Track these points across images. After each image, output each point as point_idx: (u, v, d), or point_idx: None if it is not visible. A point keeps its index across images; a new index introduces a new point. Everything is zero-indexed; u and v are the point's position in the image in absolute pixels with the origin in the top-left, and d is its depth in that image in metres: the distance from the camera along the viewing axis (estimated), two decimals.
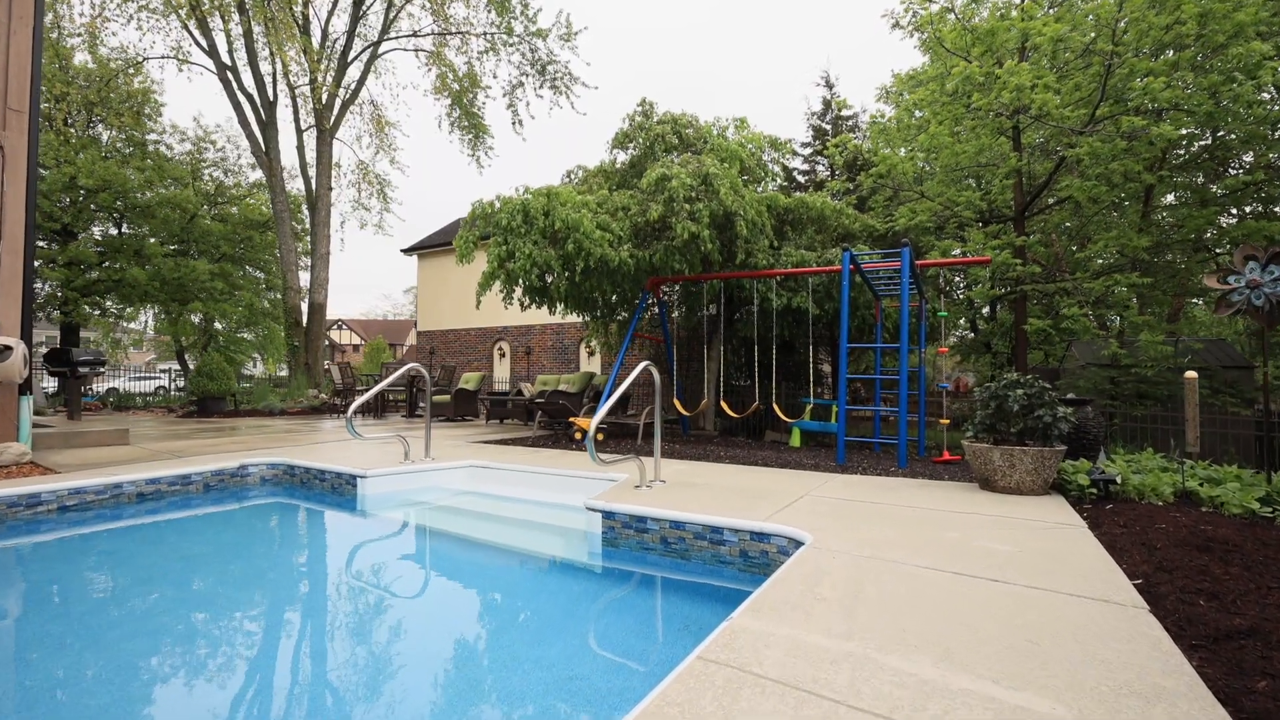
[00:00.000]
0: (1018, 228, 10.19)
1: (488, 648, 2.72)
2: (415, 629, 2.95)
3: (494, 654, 2.64)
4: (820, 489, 4.60)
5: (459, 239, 8.21)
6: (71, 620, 2.87)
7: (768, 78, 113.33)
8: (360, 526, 4.90)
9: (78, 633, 2.70)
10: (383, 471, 5.34)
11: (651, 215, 7.55)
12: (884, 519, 3.61)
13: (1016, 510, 3.88)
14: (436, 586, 3.68)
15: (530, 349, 16.91)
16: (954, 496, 4.34)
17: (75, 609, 3.06)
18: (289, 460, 5.94)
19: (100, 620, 2.87)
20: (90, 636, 2.66)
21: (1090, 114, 8.09)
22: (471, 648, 2.75)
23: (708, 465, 5.97)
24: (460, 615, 3.26)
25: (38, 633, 2.75)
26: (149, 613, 3.02)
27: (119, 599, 3.25)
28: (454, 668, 2.51)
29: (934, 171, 11.62)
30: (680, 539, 3.62)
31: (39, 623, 2.89)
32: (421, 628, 2.99)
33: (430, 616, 3.20)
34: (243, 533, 4.70)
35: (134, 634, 2.72)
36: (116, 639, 2.65)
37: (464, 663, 2.57)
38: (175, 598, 3.21)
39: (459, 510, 5.44)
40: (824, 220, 9.75)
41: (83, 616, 2.93)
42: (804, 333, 10.29)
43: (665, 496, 4.14)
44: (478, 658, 2.63)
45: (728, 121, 9.47)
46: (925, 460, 7.10)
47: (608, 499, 4.01)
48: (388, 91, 50.88)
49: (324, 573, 3.94)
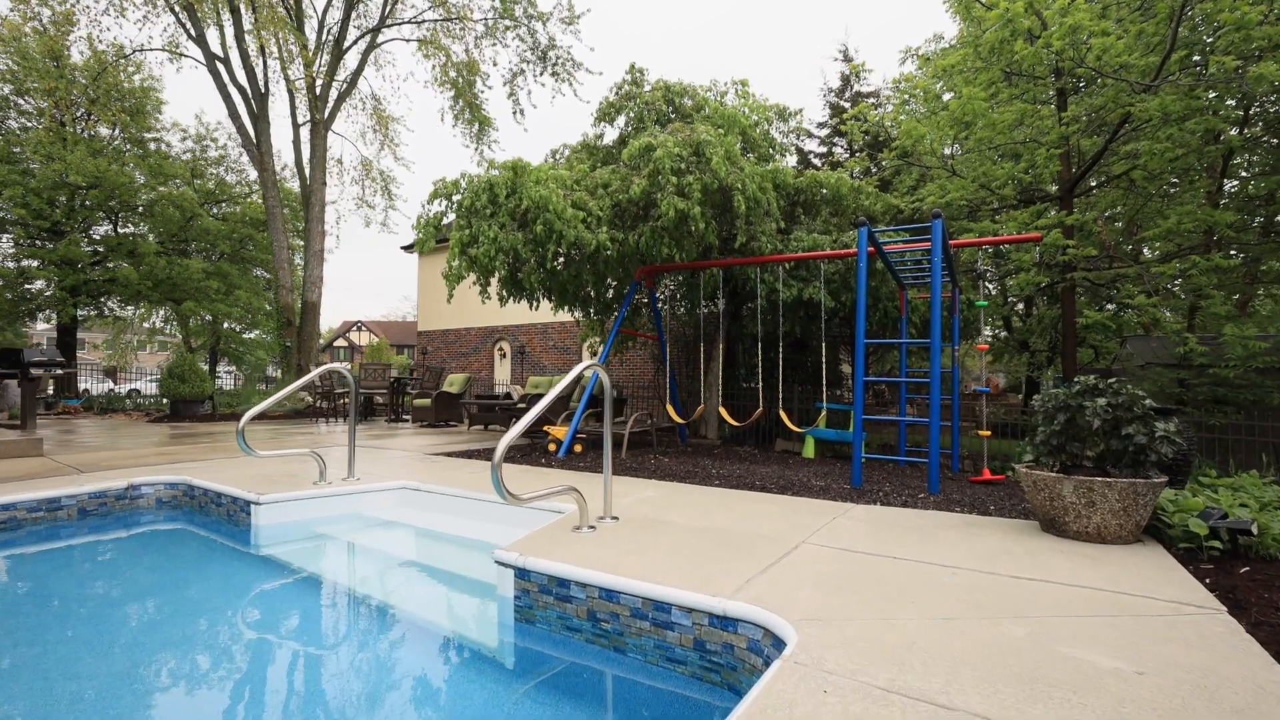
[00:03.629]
0: (1064, 207, 8.86)
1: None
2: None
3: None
4: (827, 530, 3.46)
5: (417, 224, 7.22)
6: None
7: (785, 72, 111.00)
8: (234, 571, 3.88)
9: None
10: (281, 497, 4.34)
11: (634, 191, 6.46)
12: (913, 592, 2.47)
13: (1104, 573, 2.70)
14: (262, 678, 2.63)
15: (524, 349, 15.92)
16: (1009, 546, 3.16)
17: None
18: (190, 480, 4.98)
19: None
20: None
21: (1160, 62, 6.76)
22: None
23: (691, 490, 4.85)
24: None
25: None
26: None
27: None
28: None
29: (966, 150, 10.31)
30: (613, 616, 2.52)
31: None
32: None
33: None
34: (76, 579, 3.70)
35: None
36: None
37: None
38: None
39: (364, 550, 4.40)
40: (841, 201, 8.54)
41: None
42: (818, 328, 9.10)
43: (608, 544, 3.05)
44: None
45: (727, 85, 8.30)
46: (959, 479, 5.88)
47: (526, 548, 2.93)
48: (389, 84, 50.67)
49: (128, 640, 2.92)
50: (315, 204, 16.79)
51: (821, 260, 7.40)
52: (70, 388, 17.39)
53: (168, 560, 4.14)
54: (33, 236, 18.11)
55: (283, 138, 29.69)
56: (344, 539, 4.46)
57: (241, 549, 4.22)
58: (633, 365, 14.70)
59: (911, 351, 9.05)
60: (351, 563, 4.13)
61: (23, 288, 17.93)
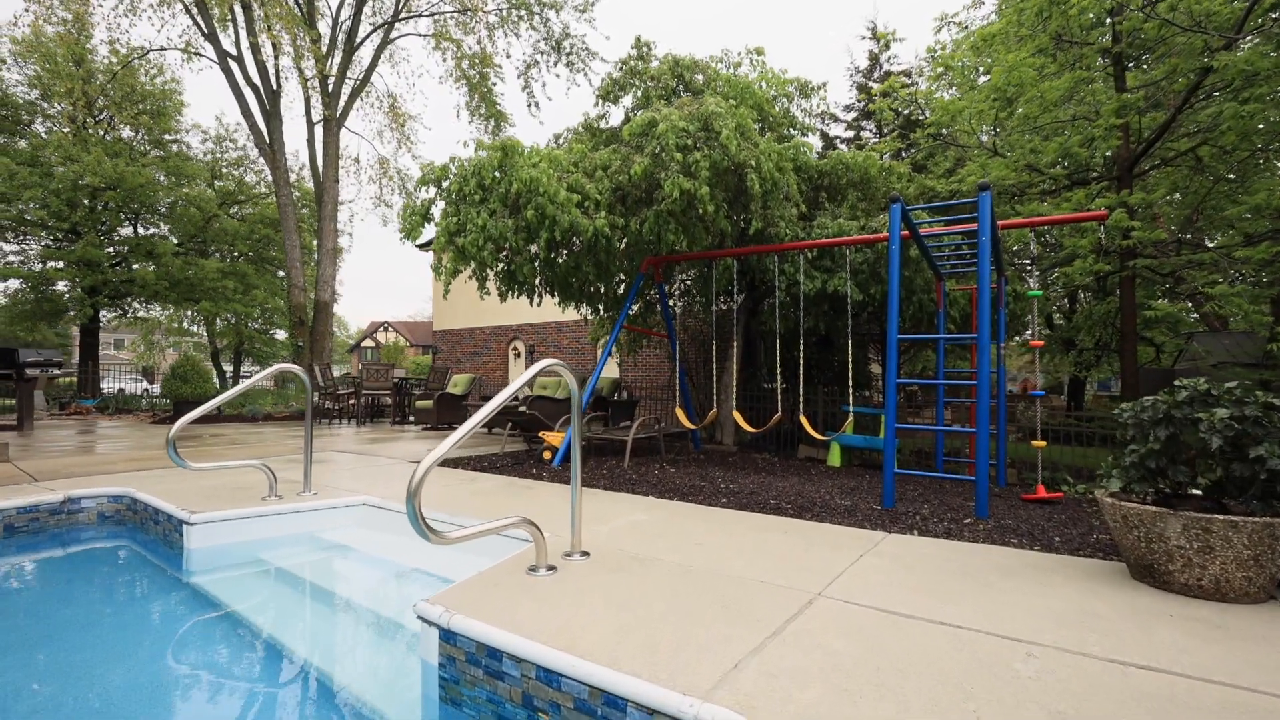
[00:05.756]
0: (1122, 188, 7.89)
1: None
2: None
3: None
4: (852, 574, 2.74)
5: (403, 213, 6.66)
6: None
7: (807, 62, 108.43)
8: (154, 606, 3.32)
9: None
10: (216, 516, 3.78)
11: (635, 171, 5.78)
12: (975, 690, 1.75)
13: (1239, 655, 1.94)
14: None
15: (534, 348, 15.37)
16: (1095, 606, 2.40)
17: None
18: (133, 492, 4.48)
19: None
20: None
21: (1246, 7, 5.81)
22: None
23: (691, 511, 4.16)
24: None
25: None
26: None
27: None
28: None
29: (1009, 130, 9.35)
30: (554, 707, 1.86)
31: None
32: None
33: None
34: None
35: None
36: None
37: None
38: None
39: (296, 584, 3.75)
40: (869, 183, 7.73)
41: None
42: (844, 324, 8.30)
43: (565, 594, 2.38)
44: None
45: (740, 55, 7.54)
46: (1007, 495, 5.07)
47: (456, 600, 2.28)
48: (404, 81, 51.21)
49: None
50: (328, 202, 16.54)
51: (848, 248, 6.63)
52: (92, 388, 17.44)
53: (88, 589, 3.61)
54: (58, 239, 18.28)
55: (300, 137, 29.79)
56: (281, 567, 3.87)
57: (174, 575, 3.68)
58: (647, 365, 14.02)
59: (950, 350, 8.18)
60: (277, 601, 3.52)
61: (47, 289, 18.08)
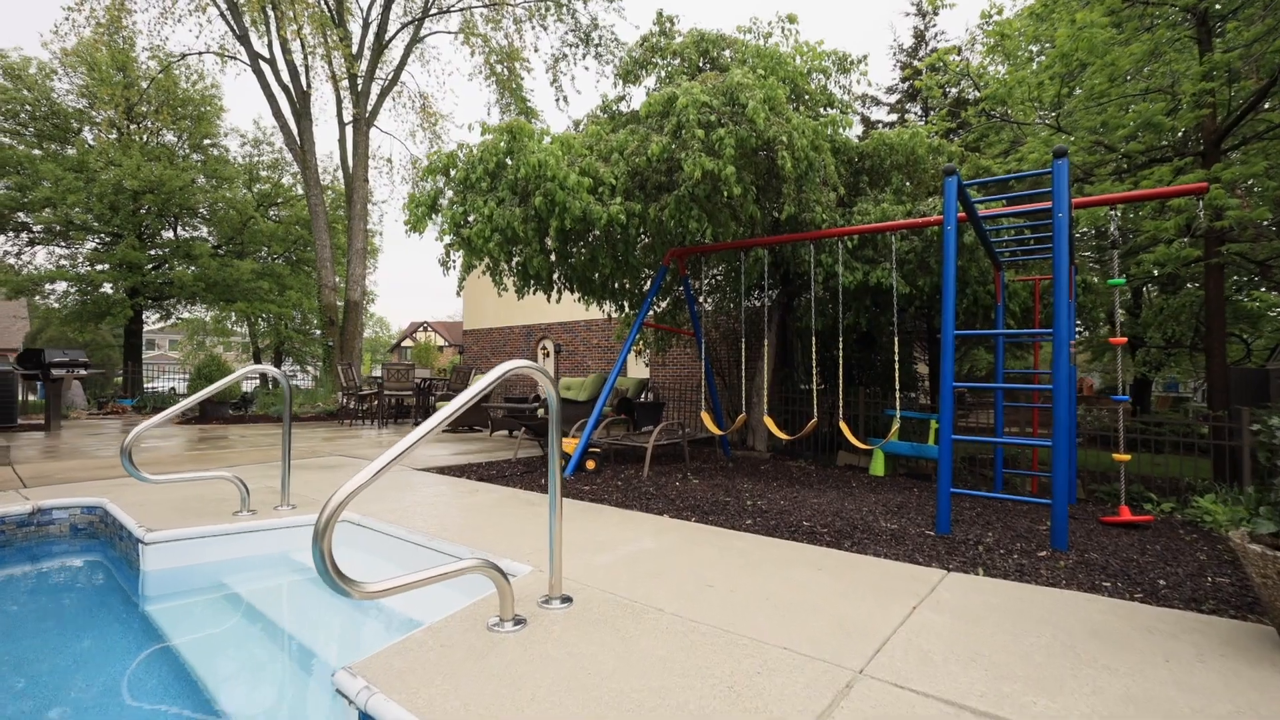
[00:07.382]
0: (1211, 163, 6.93)
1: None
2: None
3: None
4: (898, 641, 2.13)
5: (408, 204, 6.26)
6: None
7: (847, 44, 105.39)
8: (101, 636, 2.92)
9: None
10: (174, 535, 3.39)
11: (653, 150, 5.22)
12: None
13: None
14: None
15: (560, 347, 14.96)
16: (1249, 698, 1.75)
17: None
18: (105, 504, 4.16)
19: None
20: None
21: None
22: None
23: (709, 536, 3.58)
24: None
25: None
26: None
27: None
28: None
29: (1073, 105, 8.42)
30: None
31: None
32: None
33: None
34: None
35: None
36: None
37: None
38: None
39: (251, 617, 3.26)
40: (916, 164, 6.98)
41: None
42: (889, 320, 7.56)
43: (529, 662, 1.86)
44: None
45: (771, 25, 6.88)
46: (1082, 515, 4.33)
47: (386, 667, 1.78)
48: (435, 80, 51.78)
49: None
50: (357, 201, 16.52)
51: (892, 235, 5.93)
52: (133, 388, 17.85)
53: (38, 613, 3.28)
54: (104, 243, 18.81)
55: (332, 138, 30.16)
56: (239, 593, 3.45)
57: (134, 600, 3.32)
58: (678, 365, 13.44)
59: (1010, 348, 7.36)
60: (225, 639, 3.07)
61: (94, 291, 18.61)
